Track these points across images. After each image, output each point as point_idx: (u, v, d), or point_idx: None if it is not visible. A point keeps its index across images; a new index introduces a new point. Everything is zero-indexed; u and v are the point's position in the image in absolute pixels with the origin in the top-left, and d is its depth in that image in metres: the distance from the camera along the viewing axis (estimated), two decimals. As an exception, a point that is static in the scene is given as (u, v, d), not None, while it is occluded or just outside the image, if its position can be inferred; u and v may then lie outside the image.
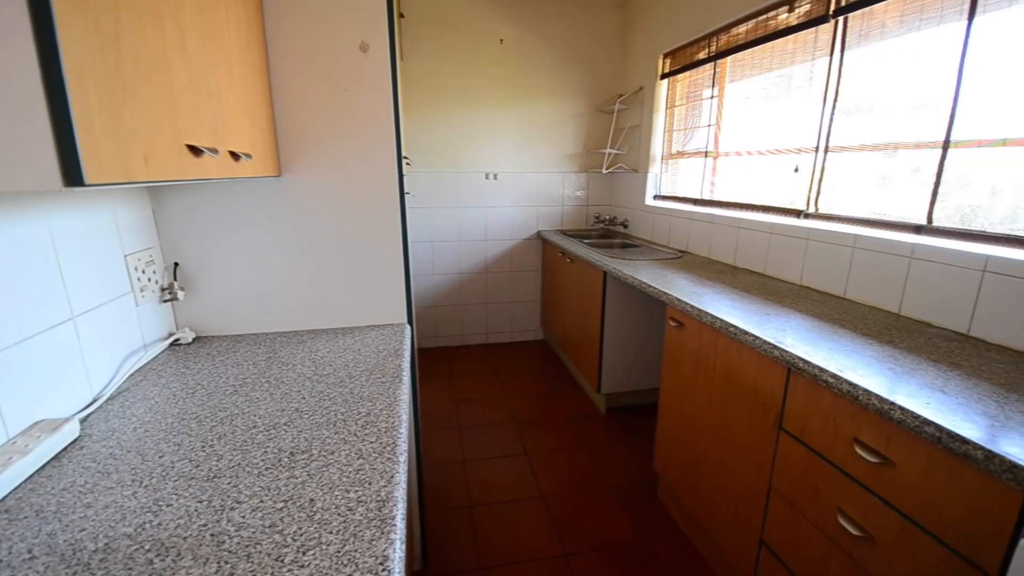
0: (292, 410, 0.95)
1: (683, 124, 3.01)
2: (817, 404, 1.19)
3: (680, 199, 3.03)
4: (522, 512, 2.01)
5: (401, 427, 0.88)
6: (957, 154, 1.48)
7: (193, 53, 0.81)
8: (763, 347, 1.33)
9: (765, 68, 2.29)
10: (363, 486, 0.72)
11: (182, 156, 0.75)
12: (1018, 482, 0.77)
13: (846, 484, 1.12)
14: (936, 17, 1.52)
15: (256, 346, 1.28)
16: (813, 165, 2.01)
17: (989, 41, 1.39)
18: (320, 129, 1.28)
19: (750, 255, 2.27)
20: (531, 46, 3.46)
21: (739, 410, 1.49)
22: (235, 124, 0.98)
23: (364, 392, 1.02)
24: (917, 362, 1.18)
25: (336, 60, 1.26)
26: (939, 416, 0.91)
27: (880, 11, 1.70)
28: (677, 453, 1.88)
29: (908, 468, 0.97)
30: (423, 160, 3.46)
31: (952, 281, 1.41)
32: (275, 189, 1.30)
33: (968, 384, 1.06)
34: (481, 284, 3.78)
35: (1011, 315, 1.27)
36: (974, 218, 1.44)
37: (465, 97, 3.43)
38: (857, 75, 1.81)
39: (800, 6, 2.02)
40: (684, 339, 1.78)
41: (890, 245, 1.59)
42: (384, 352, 1.23)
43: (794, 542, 1.30)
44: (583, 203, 3.86)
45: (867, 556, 1.08)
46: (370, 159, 1.33)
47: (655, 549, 1.82)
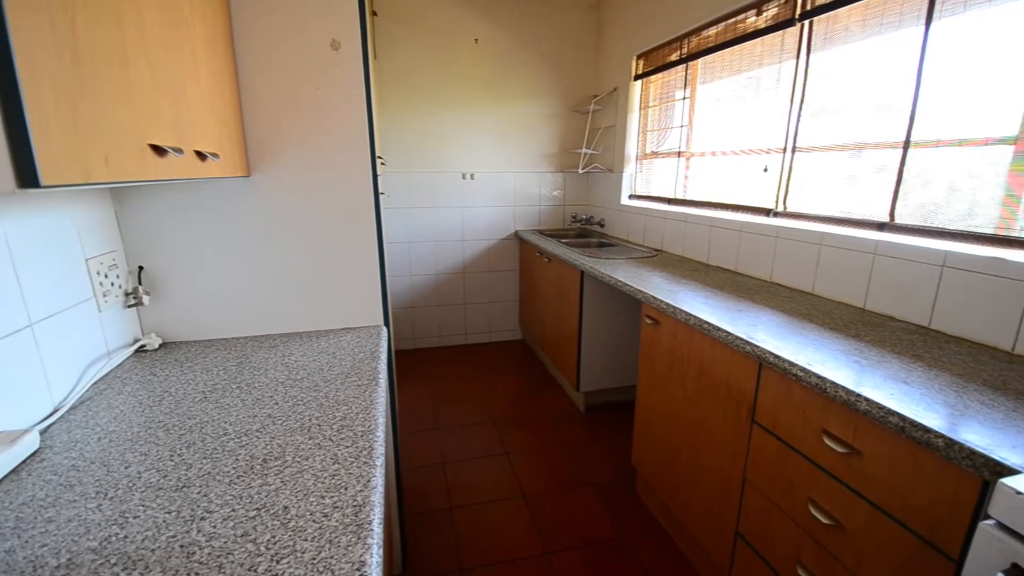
0: (264, 416, 0.93)
1: (657, 125, 3.06)
2: (788, 397, 1.22)
3: (655, 198, 3.07)
4: (503, 512, 2.01)
5: (378, 430, 0.86)
6: (917, 154, 1.54)
7: (155, 50, 0.78)
8: (735, 343, 1.36)
9: (735, 70, 2.34)
10: (339, 491, 0.71)
11: (145, 156, 0.73)
12: (976, 468, 0.81)
13: (816, 474, 1.16)
14: (896, 22, 1.58)
15: (226, 351, 1.25)
16: (782, 165, 2.06)
17: (945, 46, 1.45)
18: (290, 128, 1.26)
19: (722, 253, 2.31)
20: (506, 46, 3.46)
21: (713, 405, 1.52)
22: (201, 123, 0.95)
23: (339, 396, 1.00)
24: (881, 355, 1.22)
25: (306, 58, 1.23)
26: (902, 406, 0.95)
27: (844, 15, 1.75)
28: (654, 449, 1.90)
29: (874, 457, 1.01)
30: (399, 160, 3.43)
31: (913, 276, 1.46)
32: (245, 190, 1.27)
33: (929, 375, 1.10)
34: (459, 284, 3.77)
35: (968, 308, 1.33)
36: (935, 215, 1.50)
37: (440, 97, 3.41)
38: (823, 77, 1.87)
39: (767, 10, 2.07)
40: (660, 336, 1.80)
41: (855, 242, 1.65)
42: (360, 355, 1.21)
43: (768, 533, 1.33)
44: (560, 203, 3.88)
45: (837, 544, 1.11)
46: (343, 159, 1.31)
47: (634, 544, 1.84)
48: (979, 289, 1.30)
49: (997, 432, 0.86)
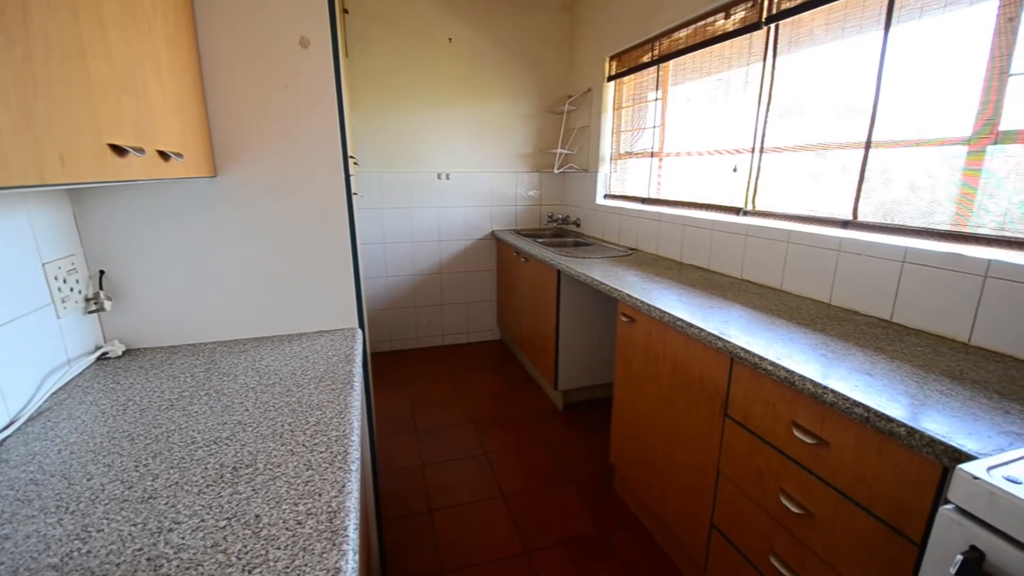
0: (234, 423, 0.90)
1: (630, 125, 3.10)
2: (758, 391, 1.25)
3: (629, 198, 3.11)
4: (483, 513, 2.00)
5: (353, 435, 0.85)
6: (879, 154, 1.59)
7: (115, 46, 0.76)
8: (708, 339, 1.39)
9: (705, 72, 2.39)
10: (313, 498, 0.70)
11: (104, 156, 0.70)
12: (936, 455, 0.84)
13: (786, 465, 1.19)
14: (857, 26, 1.63)
15: (194, 357, 1.22)
16: (750, 165, 2.11)
17: (903, 50, 1.50)
18: (259, 127, 1.23)
19: (695, 251, 2.36)
20: (480, 46, 3.46)
21: (687, 400, 1.55)
22: (163, 122, 0.92)
23: (313, 400, 0.98)
24: (847, 348, 1.26)
25: (275, 56, 1.21)
26: (866, 397, 0.98)
27: (808, 19, 1.81)
28: (631, 445, 1.93)
29: (841, 447, 1.04)
30: (373, 160, 3.39)
31: (876, 272, 1.52)
32: (211, 190, 1.24)
33: (892, 367, 1.14)
34: (436, 285, 3.74)
35: (927, 302, 1.38)
36: (896, 213, 1.56)
37: (415, 96, 3.39)
38: (789, 79, 1.92)
39: (735, 13, 2.12)
40: (635, 334, 1.83)
41: (820, 240, 1.70)
42: (334, 358, 1.19)
43: (741, 523, 1.36)
44: (536, 203, 3.89)
45: (807, 532, 1.14)
46: (314, 159, 1.29)
47: (613, 540, 1.86)
48: (937, 283, 1.36)
49: (955, 420, 0.90)
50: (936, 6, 1.40)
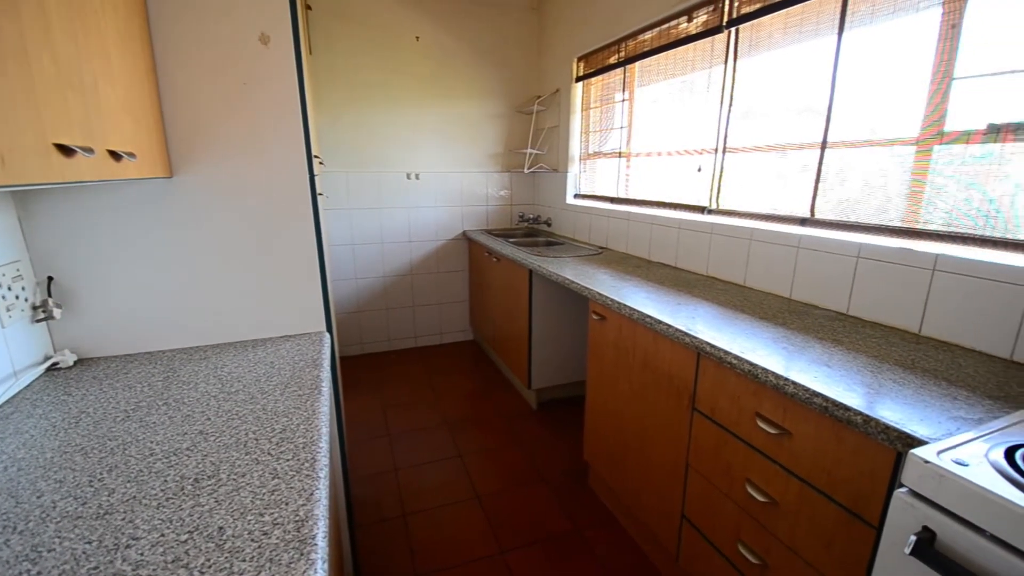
0: (195, 433, 0.87)
1: (598, 126, 3.13)
2: (724, 384, 1.29)
3: (599, 197, 3.14)
4: (458, 515, 1.99)
5: (320, 441, 0.83)
6: (835, 153, 1.66)
7: (60, 42, 0.72)
8: (676, 335, 1.41)
9: (670, 74, 2.44)
10: (279, 507, 0.68)
11: (49, 156, 0.67)
12: (891, 441, 0.88)
13: (752, 456, 1.22)
14: (813, 31, 1.69)
15: (151, 365, 1.17)
16: (714, 165, 2.17)
17: (856, 53, 1.57)
18: (217, 126, 1.19)
19: (663, 249, 2.40)
20: (448, 45, 3.44)
21: (657, 395, 1.58)
22: (114, 120, 0.88)
23: (278, 407, 0.96)
24: (806, 341, 1.31)
25: (233, 52, 1.17)
26: (825, 388, 1.02)
27: (767, 23, 1.87)
28: (604, 441, 1.95)
29: (802, 436, 1.08)
30: (339, 160, 3.33)
31: (832, 267, 1.58)
32: (167, 191, 1.19)
33: (848, 358, 1.19)
34: (407, 286, 3.70)
35: (881, 295, 1.45)
36: (852, 211, 1.63)
37: (382, 95, 3.34)
38: (750, 82, 1.98)
39: (698, 17, 2.17)
40: (606, 331, 1.85)
41: (781, 237, 1.76)
42: (300, 363, 1.16)
43: (711, 514, 1.39)
44: (507, 202, 3.90)
45: (773, 520, 1.18)
46: (276, 158, 1.25)
47: (588, 536, 1.88)
48: (890, 277, 1.42)
49: (908, 407, 0.94)
50: (886, 12, 1.47)
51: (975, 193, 1.29)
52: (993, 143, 1.25)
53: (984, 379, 1.07)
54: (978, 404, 0.96)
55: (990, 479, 0.72)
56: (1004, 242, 1.23)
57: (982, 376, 1.09)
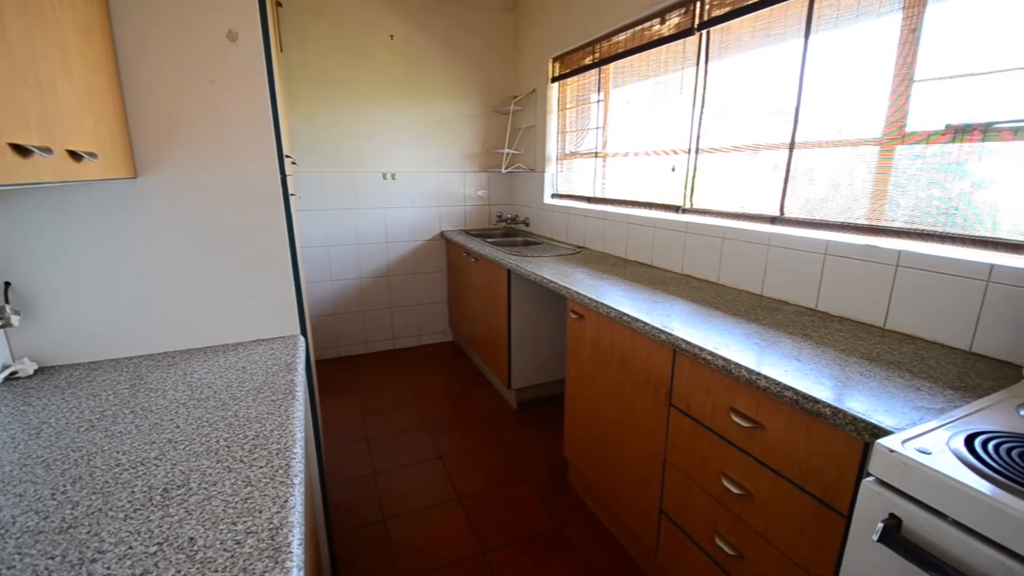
0: (164, 441, 0.85)
1: (575, 126, 3.15)
2: (699, 380, 1.31)
3: (576, 197, 3.16)
4: (439, 517, 1.98)
5: (295, 447, 0.82)
6: (803, 153, 1.70)
7: (14, 38, 0.69)
8: (652, 332, 1.43)
9: (644, 75, 2.47)
10: (252, 516, 0.66)
11: (4, 156, 0.64)
12: (858, 432, 0.91)
13: (726, 449, 1.25)
14: (781, 34, 1.74)
15: (117, 373, 1.13)
16: (687, 165, 2.20)
17: (822, 56, 1.61)
18: (184, 125, 1.16)
19: (639, 248, 2.43)
20: (423, 44, 3.41)
21: (635, 392, 1.60)
22: (74, 119, 0.85)
23: (251, 414, 0.93)
24: (777, 336, 1.34)
25: (200, 49, 1.14)
26: (795, 381, 1.05)
27: (737, 26, 1.90)
28: (584, 439, 1.96)
29: (774, 429, 1.11)
30: (313, 159, 3.27)
31: (801, 264, 1.62)
32: (132, 192, 1.15)
33: (817, 352, 1.22)
34: (384, 288, 3.66)
35: (847, 290, 1.49)
36: (820, 209, 1.67)
37: (356, 94, 3.30)
38: (721, 83, 2.02)
39: (670, 19, 2.20)
40: (584, 330, 1.86)
41: (752, 235, 1.80)
42: (274, 368, 1.14)
43: (688, 508, 1.42)
44: (485, 202, 3.89)
45: (748, 511, 1.21)
46: (246, 158, 1.22)
47: (569, 534, 1.89)
48: (856, 273, 1.47)
49: (874, 399, 0.97)
50: (849, 17, 1.51)
51: (936, 191, 1.34)
52: (951, 143, 1.30)
53: (945, 370, 1.12)
54: (940, 394, 1.00)
55: (951, 466, 0.75)
56: (963, 238, 1.29)
57: (943, 367, 1.13)
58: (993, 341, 1.18)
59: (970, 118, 1.26)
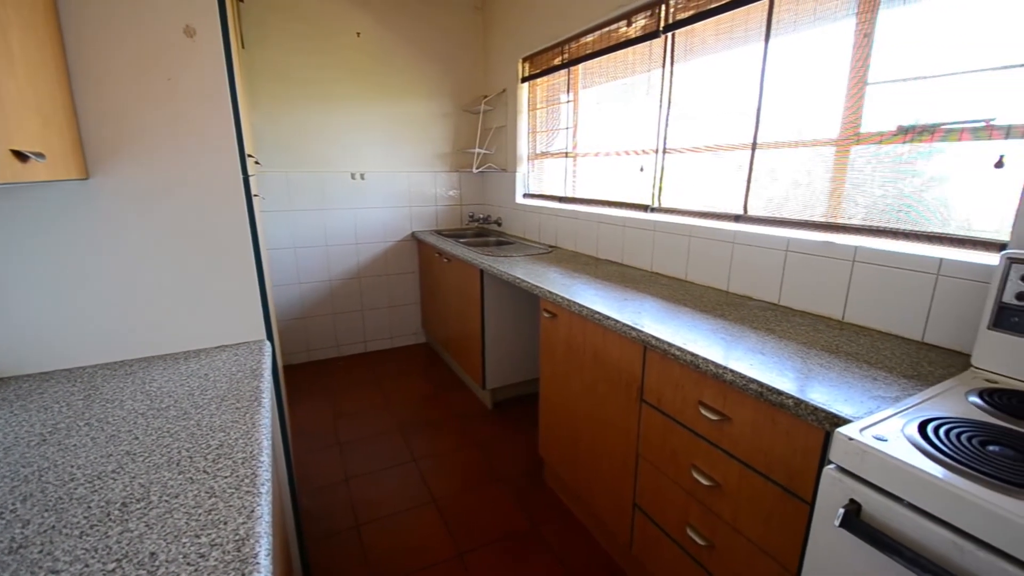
0: (122, 454, 0.81)
1: (545, 126, 3.17)
2: (669, 375, 1.34)
3: (547, 197, 3.18)
4: (413, 521, 1.96)
5: (262, 455, 0.79)
6: (765, 153, 1.75)
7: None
8: (623, 329, 1.45)
9: (612, 76, 2.50)
10: (217, 527, 0.64)
11: (-64, 156, 0.60)
12: (819, 421, 0.94)
13: (696, 442, 1.28)
14: (743, 37, 1.79)
15: (70, 383, 1.07)
16: (655, 165, 2.24)
17: (782, 59, 1.66)
18: (139, 124, 1.11)
19: (610, 247, 2.46)
20: (391, 42, 3.37)
21: (607, 388, 1.62)
22: (18, 118, 0.80)
23: (215, 422, 0.90)
24: (742, 331, 1.38)
25: (155, 45, 1.09)
26: (760, 374, 1.08)
27: (700, 29, 1.95)
28: (558, 437, 1.98)
29: (741, 421, 1.14)
30: (278, 159, 3.18)
31: (765, 261, 1.67)
32: (84, 194, 1.10)
33: (780, 345, 1.26)
34: (355, 290, 3.60)
35: (808, 285, 1.55)
36: (781, 207, 1.73)
37: (323, 92, 3.23)
38: (686, 85, 2.06)
39: (636, 21, 2.23)
40: (557, 328, 1.87)
41: (717, 233, 1.85)
42: (238, 374, 1.11)
43: (660, 501, 1.44)
44: (457, 202, 3.87)
45: (717, 502, 1.24)
46: (206, 157, 1.18)
47: (545, 532, 1.90)
48: (815, 269, 1.52)
49: (833, 389, 1.01)
50: (807, 21, 1.57)
51: (890, 189, 1.41)
52: (903, 144, 1.36)
53: (900, 360, 1.17)
54: (895, 383, 1.04)
55: (906, 452, 0.78)
56: (915, 234, 1.35)
57: (898, 357, 1.19)
58: (943, 332, 1.24)
59: (920, 119, 1.32)
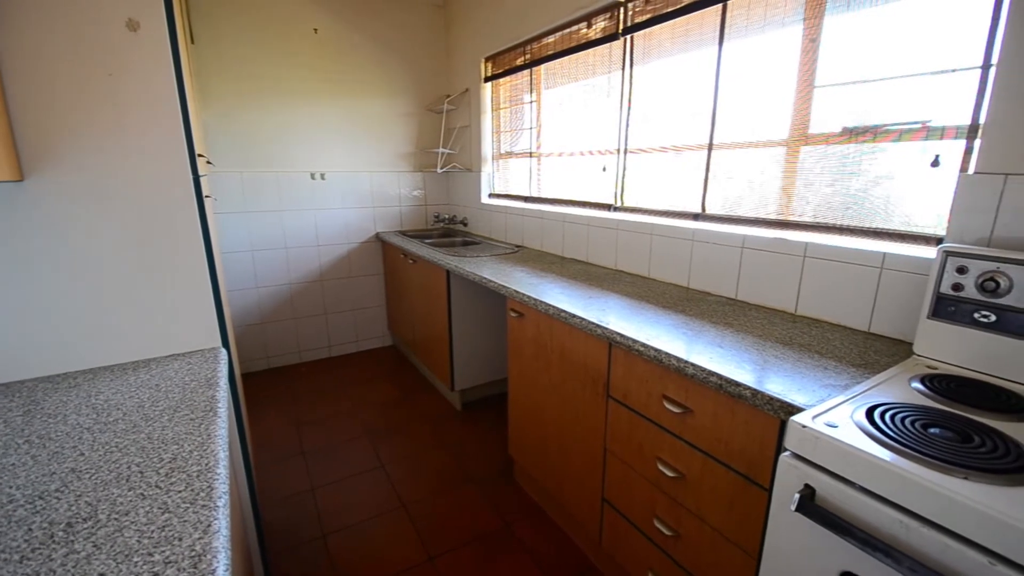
0: (66, 471, 0.76)
1: (509, 126, 3.17)
2: (633, 370, 1.36)
3: (513, 196, 3.19)
4: (383, 527, 1.93)
5: (218, 467, 0.76)
6: (722, 154, 1.81)
7: None
8: (589, 327, 1.47)
9: (574, 77, 2.53)
10: (172, 544, 0.61)
11: None
12: (775, 411, 0.98)
13: (660, 435, 1.31)
14: (697, 41, 1.84)
15: (7, 399, 1.00)
16: (617, 165, 2.28)
17: (735, 63, 1.72)
18: (79, 123, 1.05)
19: (575, 246, 2.49)
20: (350, 39, 3.30)
21: (575, 385, 1.63)
22: (-63, 114, 0.74)
23: (167, 435, 0.86)
24: (702, 325, 1.42)
25: (95, 39, 1.03)
26: (719, 367, 1.12)
27: (657, 32, 1.99)
28: (528, 435, 1.99)
29: (702, 413, 1.17)
30: (232, 159, 3.07)
31: (722, 257, 1.73)
32: (18, 197, 1.03)
33: (738, 339, 1.31)
34: (317, 293, 3.51)
35: (763, 280, 1.61)
36: (738, 206, 1.78)
37: (279, 89, 3.13)
38: (646, 87, 2.10)
39: (596, 23, 2.26)
40: (524, 328, 1.88)
41: (677, 231, 1.89)
42: (192, 384, 1.06)
43: (628, 494, 1.47)
44: (422, 203, 3.83)
45: (682, 492, 1.27)
46: (152, 157, 1.12)
47: (516, 530, 1.90)
48: (769, 264, 1.58)
49: (788, 379, 1.05)
50: (757, 26, 1.63)
51: (838, 187, 1.48)
52: (848, 144, 1.43)
53: (848, 350, 1.23)
54: (844, 372, 1.10)
55: (855, 437, 0.82)
56: (861, 230, 1.42)
57: (846, 347, 1.25)
58: (887, 322, 1.32)
59: (863, 121, 1.39)
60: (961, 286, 1.08)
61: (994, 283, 1.03)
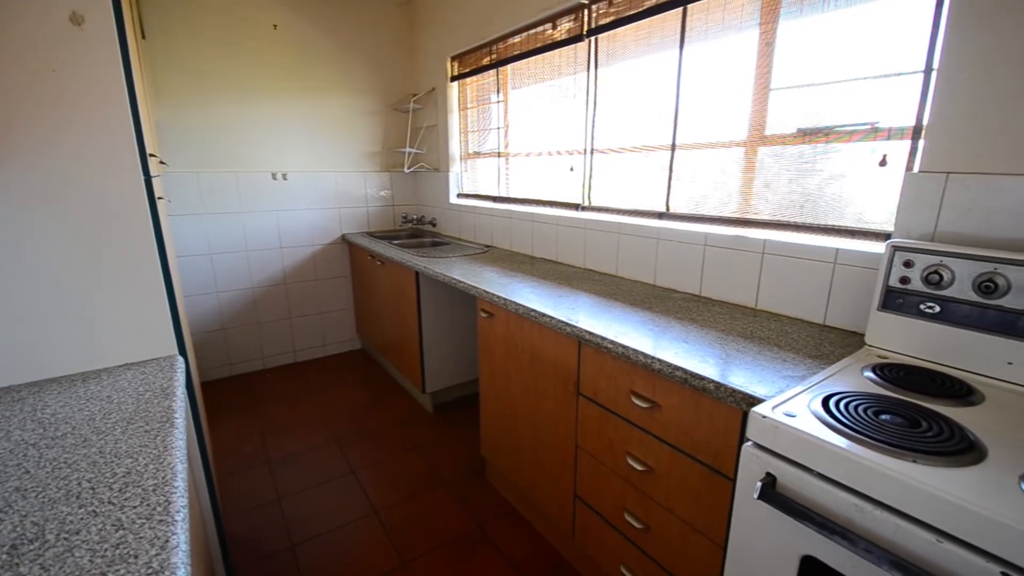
0: (10, 491, 0.72)
1: (477, 126, 3.16)
2: (602, 367, 1.38)
3: (482, 196, 3.18)
4: (354, 535, 1.89)
5: (175, 480, 0.73)
6: (684, 154, 1.85)
7: None
8: (558, 326, 1.48)
9: (540, 78, 2.54)
10: (127, 562, 0.59)
11: None
12: (737, 402, 1.01)
13: (629, 430, 1.33)
14: (659, 44, 1.88)
15: (-60, 416, 0.94)
16: (584, 165, 2.31)
17: (695, 65, 1.77)
18: (20, 122, 0.99)
19: (544, 245, 2.51)
20: (311, 36, 3.22)
21: (545, 384, 1.64)
22: None
23: (120, 448, 0.82)
24: (668, 322, 1.45)
25: (36, 33, 0.98)
26: (684, 362, 1.14)
27: (621, 35, 2.03)
28: (499, 435, 1.99)
29: (669, 407, 1.20)
30: (187, 159, 2.94)
31: (686, 255, 1.77)
32: (-51, 200, 0.96)
33: (702, 334, 1.34)
34: (281, 297, 3.42)
35: (724, 277, 1.66)
36: (701, 205, 1.83)
37: (237, 87, 3.03)
38: (611, 88, 2.14)
39: (561, 24, 2.28)
40: (494, 327, 1.88)
41: (643, 230, 1.93)
42: (147, 394, 1.01)
43: (599, 489, 1.49)
44: (389, 203, 3.78)
45: (651, 486, 1.30)
46: (99, 157, 1.07)
47: (490, 530, 1.90)
48: (730, 261, 1.63)
49: (749, 372, 1.09)
50: (716, 30, 1.67)
51: (795, 186, 1.53)
52: (802, 144, 1.49)
53: (805, 342, 1.28)
54: (801, 363, 1.14)
55: (812, 426, 0.86)
56: (816, 227, 1.48)
57: (803, 339, 1.30)
58: (841, 314, 1.38)
59: (816, 122, 1.45)
60: (908, 279, 1.14)
61: (938, 276, 1.09)
